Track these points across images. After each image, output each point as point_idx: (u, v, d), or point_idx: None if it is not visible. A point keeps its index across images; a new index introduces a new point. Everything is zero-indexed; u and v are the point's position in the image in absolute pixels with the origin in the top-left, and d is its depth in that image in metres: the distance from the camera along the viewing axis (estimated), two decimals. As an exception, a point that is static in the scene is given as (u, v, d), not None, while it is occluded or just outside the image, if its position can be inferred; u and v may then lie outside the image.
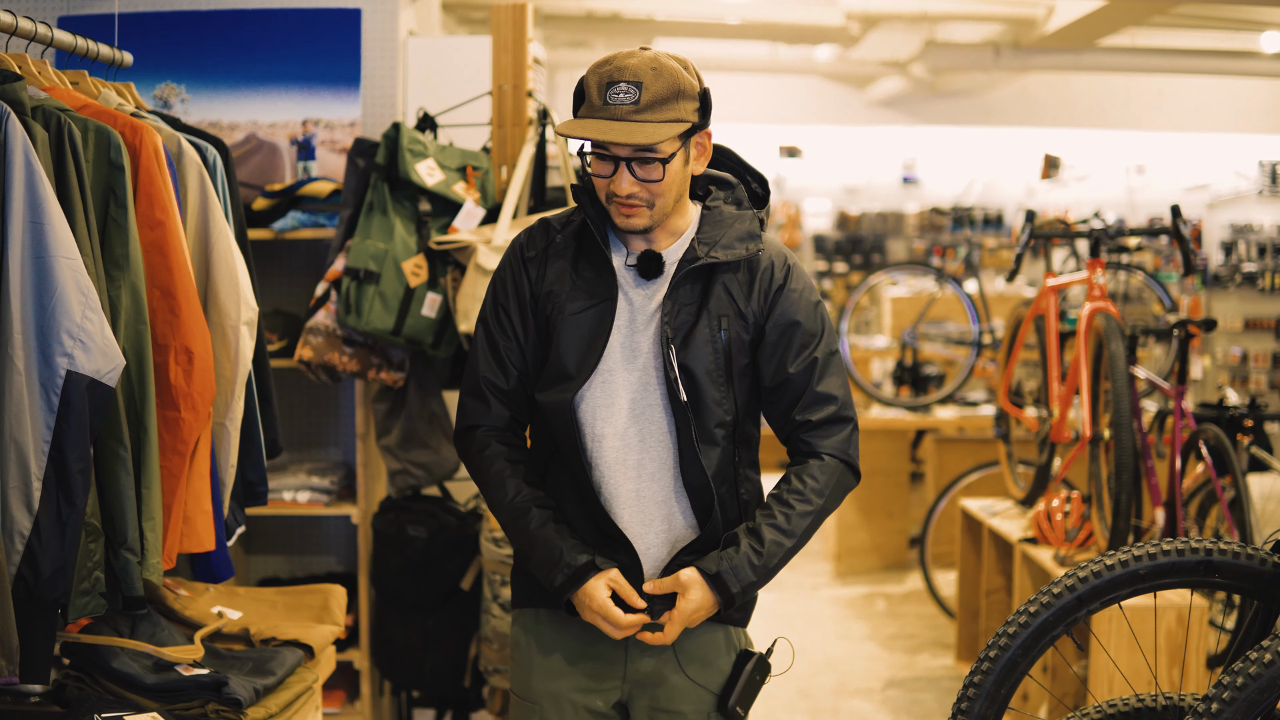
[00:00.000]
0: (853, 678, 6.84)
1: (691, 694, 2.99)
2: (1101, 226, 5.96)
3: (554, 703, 3.01)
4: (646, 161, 2.81)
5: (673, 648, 2.97)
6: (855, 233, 14.57)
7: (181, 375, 3.16)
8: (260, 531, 5.44)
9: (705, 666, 3.00)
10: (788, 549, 2.89)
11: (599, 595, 2.86)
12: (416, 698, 5.20)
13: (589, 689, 3.01)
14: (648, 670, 2.98)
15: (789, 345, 2.94)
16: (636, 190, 2.83)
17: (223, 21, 5.18)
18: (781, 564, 2.91)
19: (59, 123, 2.92)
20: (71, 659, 3.18)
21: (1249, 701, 2.45)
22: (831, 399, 2.96)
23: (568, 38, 12.91)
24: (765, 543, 2.87)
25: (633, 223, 2.87)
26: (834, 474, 2.95)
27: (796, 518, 2.90)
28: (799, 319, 2.94)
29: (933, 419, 9.00)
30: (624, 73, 2.78)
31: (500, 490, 2.97)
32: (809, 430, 2.96)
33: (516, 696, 3.10)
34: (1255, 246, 14.12)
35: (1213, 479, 5.29)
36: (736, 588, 2.85)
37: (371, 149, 4.77)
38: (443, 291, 4.67)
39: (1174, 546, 2.77)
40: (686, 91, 2.81)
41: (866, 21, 11.88)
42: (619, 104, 2.77)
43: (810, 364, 2.94)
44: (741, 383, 2.96)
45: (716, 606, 2.89)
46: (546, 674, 3.03)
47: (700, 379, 2.89)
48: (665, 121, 2.78)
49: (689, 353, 2.88)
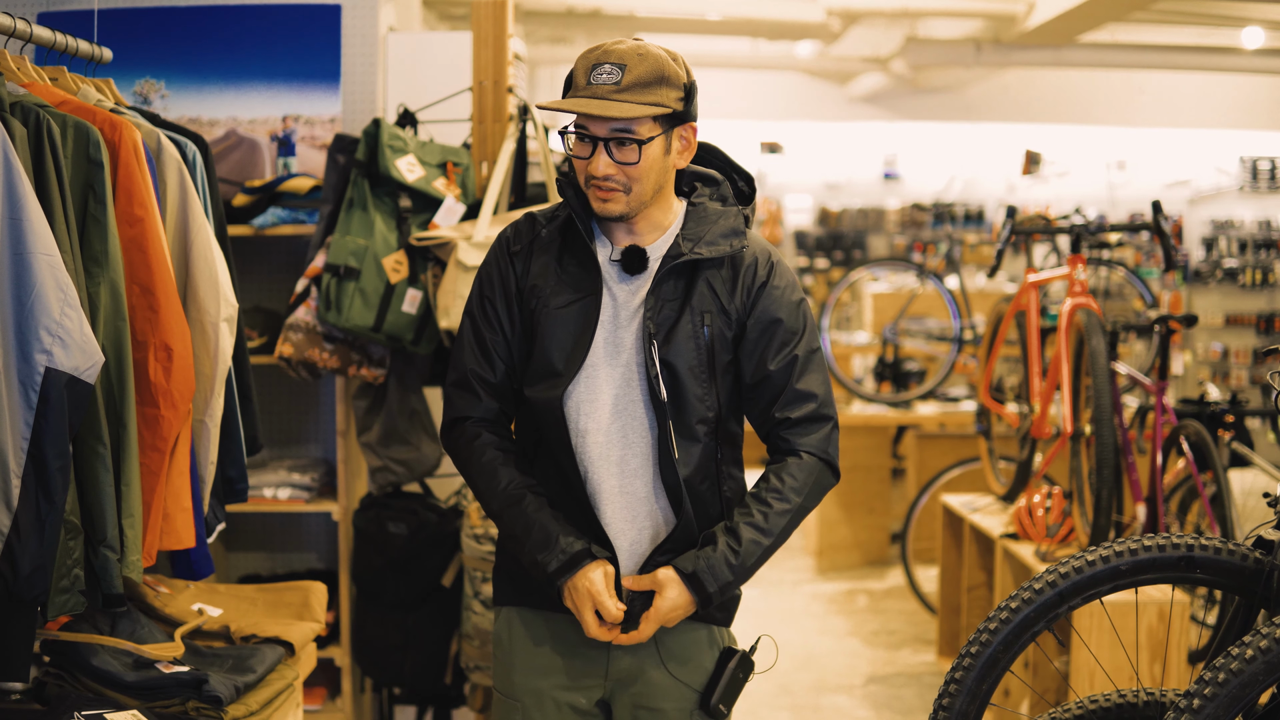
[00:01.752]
0: (834, 674, 6.84)
1: (674, 691, 2.98)
2: (1082, 222, 5.97)
3: (536, 700, 3.01)
4: (624, 143, 2.81)
5: (655, 645, 2.97)
6: (836, 229, 14.58)
7: (161, 372, 3.14)
8: (240, 528, 5.42)
9: (687, 664, 3.00)
10: (765, 547, 2.89)
11: (596, 581, 2.86)
12: (397, 694, 5.19)
13: (571, 686, 3.01)
14: (630, 668, 2.98)
15: (770, 342, 2.94)
16: (613, 172, 2.83)
17: (203, 17, 5.16)
18: (760, 563, 2.91)
19: (37, 119, 2.91)
20: (51, 657, 3.17)
21: (1231, 697, 2.46)
22: (811, 397, 2.95)
23: (548, 33, 12.91)
24: (743, 542, 2.87)
25: (609, 208, 2.87)
26: (813, 473, 2.95)
27: (775, 516, 2.90)
28: (780, 316, 2.94)
29: (914, 415, 9.02)
30: (610, 55, 2.80)
31: (493, 479, 2.96)
32: (788, 428, 2.96)
33: (499, 694, 3.10)
34: (1236, 242, 14.16)
35: (1194, 474, 5.31)
36: (713, 587, 2.85)
37: (352, 145, 4.76)
38: (423, 288, 4.66)
39: (1155, 542, 2.78)
40: (671, 79, 2.82)
41: (847, 17, 11.90)
42: (601, 84, 2.79)
43: (790, 361, 2.94)
44: (724, 379, 2.95)
45: (693, 606, 2.88)
46: (529, 671, 3.03)
47: (683, 375, 2.89)
48: (645, 103, 2.79)
49: (671, 349, 2.88)
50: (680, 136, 2.91)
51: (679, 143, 2.91)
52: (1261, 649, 2.46)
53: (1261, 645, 2.46)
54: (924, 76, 13.98)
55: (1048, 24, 11.12)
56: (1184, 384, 13.28)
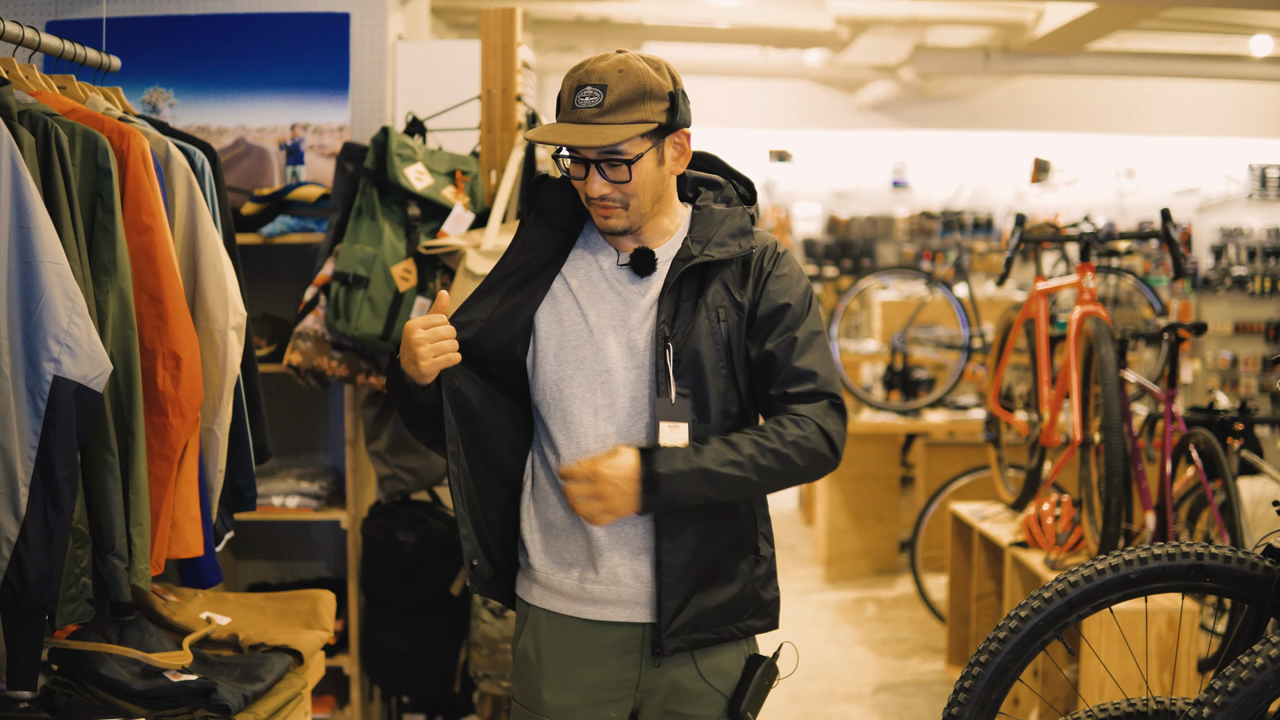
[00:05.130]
0: (843, 682, 6.83)
1: (704, 700, 2.97)
2: (1091, 230, 5.97)
3: (566, 716, 2.97)
4: (614, 164, 2.82)
5: (691, 655, 2.96)
6: (845, 237, 14.58)
7: (169, 381, 3.15)
8: (249, 537, 5.43)
9: (717, 673, 2.99)
10: (730, 462, 2.80)
11: (409, 322, 2.88)
12: (406, 703, 5.19)
13: (604, 701, 2.98)
14: (664, 679, 2.96)
15: (774, 326, 2.90)
16: (608, 192, 2.85)
17: (211, 26, 5.16)
18: (722, 482, 2.81)
19: (46, 127, 2.91)
20: (60, 665, 3.17)
21: (1241, 706, 2.45)
22: (811, 375, 2.89)
23: (557, 42, 12.91)
24: (707, 447, 2.81)
25: (610, 224, 2.90)
26: (807, 432, 2.85)
27: (749, 444, 2.82)
28: (784, 301, 2.91)
29: (923, 423, 9.01)
30: (591, 76, 2.80)
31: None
32: (786, 402, 2.90)
33: (522, 708, 3.04)
34: (1245, 250, 14.15)
35: (1203, 483, 5.29)
36: (664, 469, 2.76)
37: (360, 153, 4.76)
38: (432, 296, 4.67)
39: (1165, 551, 2.77)
40: (654, 92, 2.82)
41: (856, 26, 11.90)
42: (584, 108, 2.80)
43: (790, 342, 2.90)
44: (745, 374, 2.94)
45: (636, 483, 2.78)
46: (559, 687, 2.98)
47: (705, 373, 2.88)
48: (629, 123, 2.79)
49: (690, 348, 2.87)
50: (674, 144, 2.91)
51: (673, 150, 2.92)
52: (1272, 657, 2.45)
53: (1272, 654, 2.45)
54: (933, 85, 13.97)
55: (1056, 32, 11.11)
56: (1193, 392, 13.26)
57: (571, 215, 3.04)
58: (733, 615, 2.96)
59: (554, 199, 3.04)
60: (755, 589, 3.00)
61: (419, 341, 2.84)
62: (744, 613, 2.98)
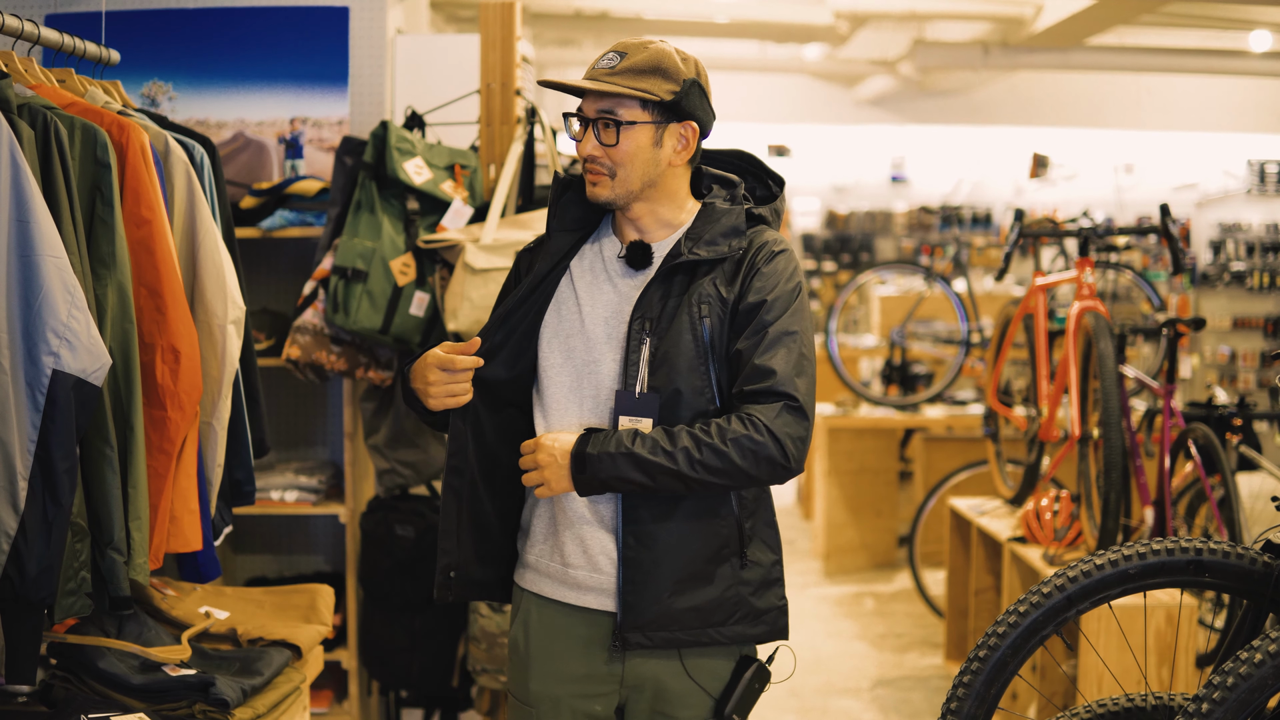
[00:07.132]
0: (841, 676, 6.84)
1: (690, 699, 2.97)
2: (1090, 225, 5.96)
3: (553, 707, 3.00)
4: (608, 124, 2.87)
5: (677, 652, 2.96)
6: (844, 231, 14.58)
7: (168, 374, 3.15)
8: (247, 531, 5.42)
9: (705, 673, 2.98)
10: (661, 449, 2.77)
11: (434, 351, 2.91)
12: (404, 697, 5.19)
13: (589, 694, 3.00)
14: (647, 675, 2.97)
15: (749, 323, 2.88)
16: (598, 154, 2.90)
17: (210, 19, 5.16)
18: (650, 470, 2.78)
19: (45, 120, 2.91)
20: (58, 659, 3.17)
21: (1239, 701, 2.45)
22: (769, 373, 2.82)
23: (556, 36, 12.91)
24: (648, 435, 2.81)
25: (595, 191, 2.93)
26: (753, 431, 2.78)
27: (686, 437, 2.78)
28: (763, 299, 2.87)
29: (921, 418, 9.01)
30: (618, 46, 2.91)
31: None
32: (742, 400, 2.85)
33: (514, 698, 3.09)
34: (1244, 245, 14.16)
35: (1202, 478, 5.29)
36: (594, 450, 2.79)
37: (359, 147, 4.76)
38: (431, 290, 4.66)
39: (1163, 546, 2.77)
40: (668, 72, 2.87)
41: (855, 20, 11.89)
42: (600, 68, 2.89)
43: (759, 339, 2.85)
44: (726, 373, 2.92)
45: (568, 458, 2.83)
46: (545, 678, 3.01)
47: (680, 370, 2.87)
48: (631, 87, 2.85)
49: (666, 341, 2.87)
50: (678, 134, 2.93)
51: (674, 140, 2.93)
52: (1270, 653, 2.45)
53: (1270, 649, 2.45)
54: (931, 79, 13.97)
55: (1055, 27, 11.11)
56: (1192, 387, 13.26)
57: (592, 219, 3.08)
58: (712, 619, 2.93)
59: (576, 203, 3.06)
60: (742, 594, 2.96)
61: (433, 382, 2.90)
62: (727, 618, 2.95)
